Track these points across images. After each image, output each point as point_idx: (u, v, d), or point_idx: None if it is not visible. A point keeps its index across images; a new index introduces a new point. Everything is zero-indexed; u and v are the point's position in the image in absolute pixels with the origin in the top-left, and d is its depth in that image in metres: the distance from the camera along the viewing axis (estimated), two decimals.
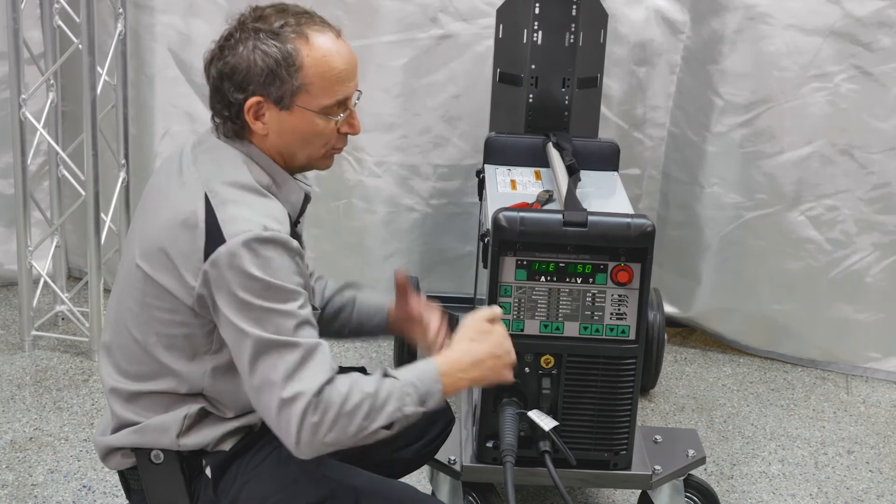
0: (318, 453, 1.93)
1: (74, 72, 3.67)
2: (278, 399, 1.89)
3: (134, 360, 2.08)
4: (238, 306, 1.92)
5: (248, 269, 1.91)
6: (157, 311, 2.02)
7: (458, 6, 3.61)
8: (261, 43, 1.98)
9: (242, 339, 1.92)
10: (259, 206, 1.99)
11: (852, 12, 3.40)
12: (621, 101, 3.69)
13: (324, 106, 2.02)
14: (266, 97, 2.00)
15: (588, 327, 2.37)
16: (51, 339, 3.75)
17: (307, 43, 1.99)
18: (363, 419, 1.92)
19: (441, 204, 3.80)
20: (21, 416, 3.29)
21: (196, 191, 1.99)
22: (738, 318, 3.84)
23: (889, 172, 3.54)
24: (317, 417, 1.89)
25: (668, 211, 3.82)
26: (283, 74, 1.98)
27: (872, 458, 3.27)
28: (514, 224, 2.32)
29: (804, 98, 3.50)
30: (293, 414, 1.89)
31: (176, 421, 2.07)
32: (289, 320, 1.92)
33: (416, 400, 1.97)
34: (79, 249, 4.01)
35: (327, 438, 1.90)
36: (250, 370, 1.92)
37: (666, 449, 2.70)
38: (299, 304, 1.94)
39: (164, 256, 1.98)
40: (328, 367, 1.93)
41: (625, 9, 3.58)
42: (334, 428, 1.90)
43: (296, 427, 1.89)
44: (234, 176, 2.01)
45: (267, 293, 1.91)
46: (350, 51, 2.05)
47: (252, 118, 2.01)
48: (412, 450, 2.39)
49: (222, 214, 1.95)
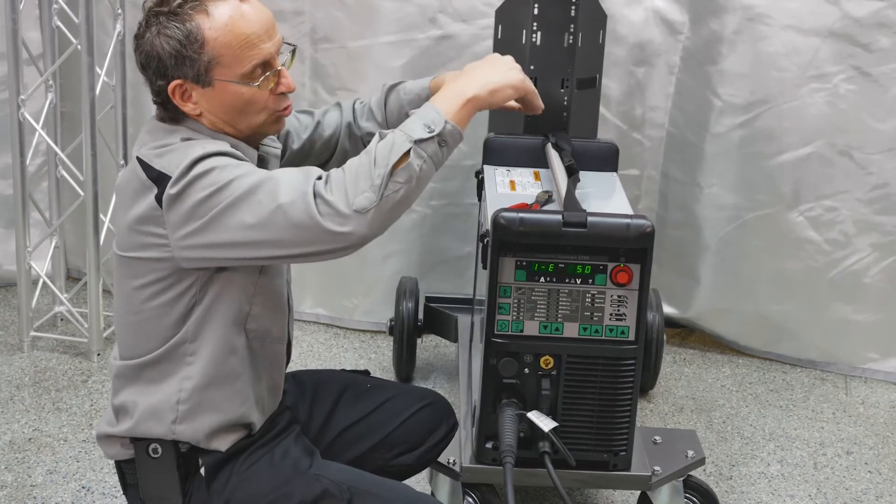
0: (367, 227, 1.86)
1: (73, 72, 3.67)
2: (282, 204, 1.86)
3: (133, 343, 2.10)
4: (199, 210, 1.91)
5: (196, 180, 1.90)
6: (143, 288, 2.03)
7: (456, 7, 3.61)
8: (163, 28, 1.98)
9: (226, 222, 1.90)
10: (196, 143, 1.99)
11: (851, 13, 3.40)
12: (620, 101, 3.70)
13: (241, 74, 2.01)
14: (184, 78, 2.00)
15: (587, 328, 2.37)
16: (50, 339, 3.75)
17: (207, 16, 1.98)
18: (375, 165, 1.87)
19: (440, 204, 3.80)
20: (20, 417, 3.29)
21: (133, 163, 2.01)
22: (736, 318, 3.84)
23: (888, 173, 3.54)
24: (332, 193, 1.86)
25: (666, 211, 3.82)
26: (190, 53, 1.98)
27: (871, 459, 3.28)
28: (514, 225, 2.31)
29: (803, 99, 3.50)
30: (307, 202, 1.85)
31: (170, 405, 2.07)
32: (248, 177, 1.90)
33: (422, 127, 1.92)
34: (78, 250, 4.01)
35: (358, 201, 1.85)
36: (251, 234, 1.89)
37: (665, 450, 2.70)
38: (254, 171, 1.93)
39: (134, 232, 1.99)
40: (314, 170, 1.92)
41: (623, 9, 3.58)
42: (358, 184, 1.86)
43: (320, 207, 1.85)
44: (165, 141, 2.02)
45: (219, 180, 1.91)
46: (259, 11, 2.02)
47: (180, 101, 2.02)
48: (414, 455, 2.39)
49: (160, 163, 1.96)
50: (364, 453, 2.36)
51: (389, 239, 3.79)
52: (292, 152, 2.37)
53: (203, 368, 2.07)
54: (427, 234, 3.84)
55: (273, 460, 2.14)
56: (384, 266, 3.83)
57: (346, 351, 3.80)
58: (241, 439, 2.13)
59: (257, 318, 2.09)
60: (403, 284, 3.59)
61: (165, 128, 2.07)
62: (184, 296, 2.02)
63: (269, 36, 2.03)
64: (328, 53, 3.69)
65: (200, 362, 2.07)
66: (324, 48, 3.68)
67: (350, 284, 3.92)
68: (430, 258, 3.87)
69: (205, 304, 2.03)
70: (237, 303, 2.05)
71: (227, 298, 2.04)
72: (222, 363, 2.07)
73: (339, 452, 2.34)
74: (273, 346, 2.17)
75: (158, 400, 2.08)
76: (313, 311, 3.97)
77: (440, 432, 2.44)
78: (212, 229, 1.91)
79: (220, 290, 2.03)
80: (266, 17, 2.04)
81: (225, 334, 2.06)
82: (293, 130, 2.38)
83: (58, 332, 3.82)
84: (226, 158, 1.94)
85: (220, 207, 1.89)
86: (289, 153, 2.36)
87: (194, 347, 2.06)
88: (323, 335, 3.90)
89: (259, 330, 2.11)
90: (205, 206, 1.90)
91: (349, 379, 2.47)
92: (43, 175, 3.97)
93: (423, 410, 2.42)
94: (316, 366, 3.66)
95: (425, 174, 1.92)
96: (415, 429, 2.40)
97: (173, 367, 2.07)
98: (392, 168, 1.87)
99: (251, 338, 2.10)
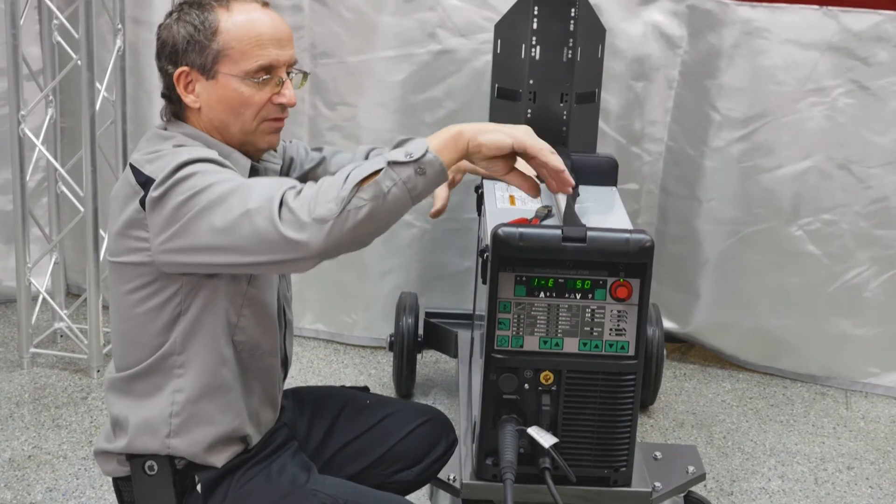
0: (324, 239, 1.81)
1: (73, 88, 3.67)
2: (250, 209, 1.84)
3: (123, 353, 2.11)
4: (177, 212, 1.90)
5: (177, 184, 1.91)
6: (131, 293, 2.04)
7: (455, 22, 3.61)
8: (184, 14, 2.06)
9: (199, 226, 1.89)
10: (184, 150, 2.00)
11: (849, 27, 3.41)
12: (619, 115, 3.70)
13: (245, 70, 2.04)
14: (191, 66, 2.05)
15: (587, 343, 2.36)
16: (49, 356, 3.75)
17: (227, 11, 2.05)
18: (345, 181, 1.83)
19: (439, 219, 3.78)
20: (20, 434, 3.29)
21: (127, 169, 2.03)
22: (736, 333, 3.83)
23: (887, 186, 3.54)
24: (297, 201, 1.83)
25: (666, 226, 3.82)
26: (202, 39, 2.03)
27: (872, 474, 3.27)
28: (514, 240, 2.31)
29: (801, 112, 3.51)
30: (271, 208, 1.82)
31: (163, 418, 2.07)
32: (225, 183, 1.89)
33: (402, 152, 1.86)
34: (77, 266, 4.01)
35: (318, 211, 1.80)
36: (219, 238, 1.87)
37: (666, 465, 2.69)
38: (234, 177, 1.92)
39: (122, 237, 2.01)
40: (290, 181, 1.90)
41: (622, 24, 3.59)
42: (325, 195, 1.82)
43: (283, 213, 1.82)
44: (158, 147, 2.04)
45: (198, 185, 1.90)
46: (276, 20, 2.08)
47: (183, 90, 2.06)
48: (414, 471, 2.38)
49: (149, 168, 1.97)
50: (363, 469, 2.35)
51: (389, 254, 3.80)
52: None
53: (194, 380, 2.07)
54: (426, 250, 3.84)
55: (270, 476, 2.14)
56: (384, 281, 3.83)
57: (346, 367, 3.79)
58: (237, 455, 2.13)
59: (245, 331, 2.09)
60: (403, 300, 3.58)
61: (162, 134, 2.09)
62: (169, 302, 2.03)
63: (281, 45, 2.07)
64: (328, 68, 3.69)
65: (191, 374, 2.07)
66: (323, 63, 3.69)
67: (350, 300, 3.92)
68: (430, 273, 3.87)
69: (191, 315, 2.03)
70: (224, 314, 2.05)
71: (213, 309, 2.04)
72: (213, 375, 2.07)
73: (338, 469, 2.33)
74: (264, 360, 2.16)
75: (152, 413, 2.08)
76: (313, 327, 3.97)
77: (440, 448, 2.43)
78: (185, 233, 1.91)
79: (207, 301, 2.03)
80: (282, 29, 2.08)
81: (213, 346, 2.06)
82: (297, 159, 2.39)
83: (57, 348, 3.81)
84: (209, 165, 1.95)
85: (194, 211, 1.90)
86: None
87: (183, 359, 2.06)
88: (323, 351, 3.90)
89: (248, 342, 2.11)
90: (182, 209, 1.91)
91: (348, 395, 2.46)
92: (43, 191, 3.98)
93: (423, 426, 2.42)
94: (316, 382, 3.66)
95: (394, 197, 1.86)
96: (414, 445, 2.40)
97: (164, 379, 2.07)
98: (359, 183, 1.83)
99: (240, 350, 2.10)
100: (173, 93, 2.09)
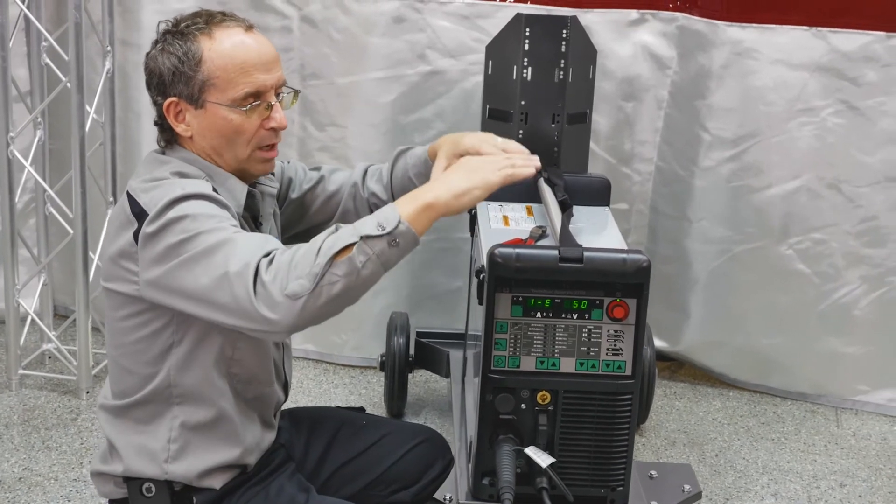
0: (296, 316, 1.82)
1: (61, 109, 3.66)
2: (229, 272, 1.83)
3: (118, 379, 2.10)
4: (166, 255, 1.90)
5: (169, 225, 1.90)
6: (123, 320, 2.04)
7: (445, 43, 3.62)
8: (168, 45, 2.05)
9: (184, 275, 1.88)
10: (179, 183, 1.99)
11: (838, 47, 3.43)
12: (609, 136, 3.71)
13: (233, 99, 2.03)
14: (178, 96, 2.04)
15: (584, 363, 2.36)
16: (38, 377, 3.73)
17: (210, 39, 2.03)
18: (317, 254, 1.81)
19: (430, 239, 3.79)
20: (9, 456, 3.26)
21: (124, 195, 2.02)
22: (727, 351, 3.84)
23: (876, 206, 3.56)
24: (271, 274, 1.81)
25: (656, 245, 3.83)
26: (186, 70, 2.02)
27: (865, 492, 3.27)
28: (510, 260, 2.31)
29: (791, 132, 3.52)
30: (247, 278, 1.81)
31: (161, 445, 2.07)
32: (214, 234, 1.88)
33: (374, 225, 1.84)
34: (66, 287, 3.99)
35: (291, 287, 1.79)
36: (201, 293, 1.86)
37: (662, 484, 2.69)
38: (224, 227, 1.91)
39: (115, 265, 2.00)
40: (268, 245, 1.88)
41: (612, 44, 3.60)
42: (297, 270, 1.80)
43: (257, 287, 1.81)
44: (156, 173, 2.03)
45: (189, 230, 1.89)
46: (261, 43, 2.06)
47: (173, 119, 2.06)
48: (410, 492, 2.38)
49: (144, 199, 1.96)
50: (360, 490, 2.35)
51: None
52: (291, 200, 2.37)
53: (193, 410, 2.07)
54: (417, 269, 3.83)
55: (269, 496, 2.14)
56: (374, 301, 3.82)
57: (337, 387, 3.78)
58: (234, 477, 2.12)
59: (241, 363, 2.09)
60: (394, 320, 3.58)
61: (160, 159, 2.09)
62: (160, 333, 2.02)
63: (267, 69, 2.05)
64: (317, 89, 3.69)
65: (189, 404, 2.06)
66: (312, 84, 3.69)
67: (340, 320, 3.84)
68: (421, 293, 3.87)
69: (185, 347, 2.03)
70: (219, 347, 2.04)
71: (208, 342, 2.03)
72: (211, 405, 2.07)
73: (335, 489, 2.33)
74: (262, 389, 2.16)
75: (150, 440, 2.08)
76: (303, 347, 3.95)
77: (436, 469, 2.43)
78: (171, 277, 1.90)
79: (201, 334, 2.02)
80: (267, 51, 2.06)
81: (209, 378, 2.05)
82: (295, 179, 2.38)
83: (46, 369, 3.79)
84: (203, 204, 1.93)
85: (180, 259, 1.89)
86: (287, 201, 2.36)
87: (179, 391, 2.06)
88: (312, 371, 3.89)
89: (244, 374, 2.10)
90: (171, 253, 1.90)
91: (345, 416, 2.46)
92: (31, 212, 3.96)
93: (420, 447, 2.42)
94: (306, 402, 3.65)
95: (368, 272, 1.84)
96: (411, 465, 2.40)
97: (162, 407, 2.07)
98: (332, 258, 1.81)
99: (236, 382, 2.09)
100: (165, 122, 2.08)
